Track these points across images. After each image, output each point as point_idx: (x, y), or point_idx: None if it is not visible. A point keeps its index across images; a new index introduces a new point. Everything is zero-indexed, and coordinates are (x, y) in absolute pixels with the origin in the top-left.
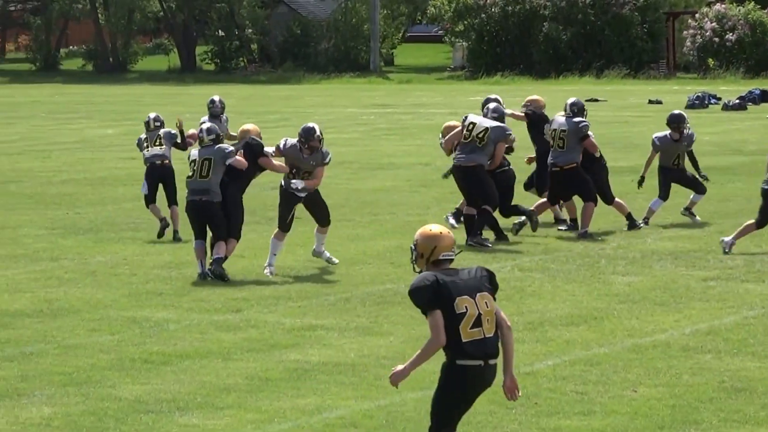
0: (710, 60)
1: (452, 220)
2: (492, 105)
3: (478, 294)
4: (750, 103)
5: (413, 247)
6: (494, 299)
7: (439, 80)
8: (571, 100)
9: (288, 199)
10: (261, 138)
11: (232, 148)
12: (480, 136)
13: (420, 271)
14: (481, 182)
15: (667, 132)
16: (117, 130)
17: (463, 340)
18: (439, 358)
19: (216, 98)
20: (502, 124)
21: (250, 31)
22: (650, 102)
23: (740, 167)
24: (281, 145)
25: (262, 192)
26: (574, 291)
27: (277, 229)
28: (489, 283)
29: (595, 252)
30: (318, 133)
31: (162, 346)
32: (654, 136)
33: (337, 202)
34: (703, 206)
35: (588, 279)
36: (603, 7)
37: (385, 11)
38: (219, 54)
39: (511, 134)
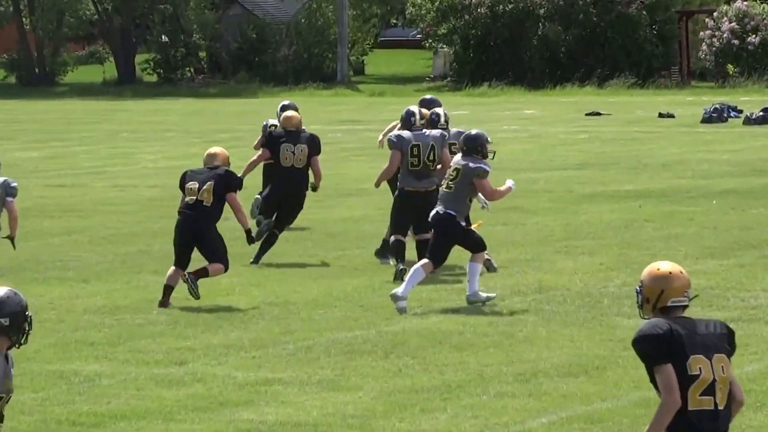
0: (730, 66)
1: (386, 259)
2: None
3: (715, 355)
4: None
5: (638, 289)
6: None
7: (418, 92)
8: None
9: (444, 230)
10: (229, 165)
11: None
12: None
13: (647, 318)
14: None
15: None
16: (43, 153)
17: (690, 408)
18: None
19: None
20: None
21: (197, 36)
22: (661, 115)
23: (765, 190)
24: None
25: None
26: (572, 336)
27: (427, 260)
28: (728, 343)
29: (597, 290)
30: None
31: (93, 405)
32: None
33: (299, 234)
34: (721, 236)
35: (589, 322)
36: (606, 5)
37: (355, 12)
38: (162, 63)
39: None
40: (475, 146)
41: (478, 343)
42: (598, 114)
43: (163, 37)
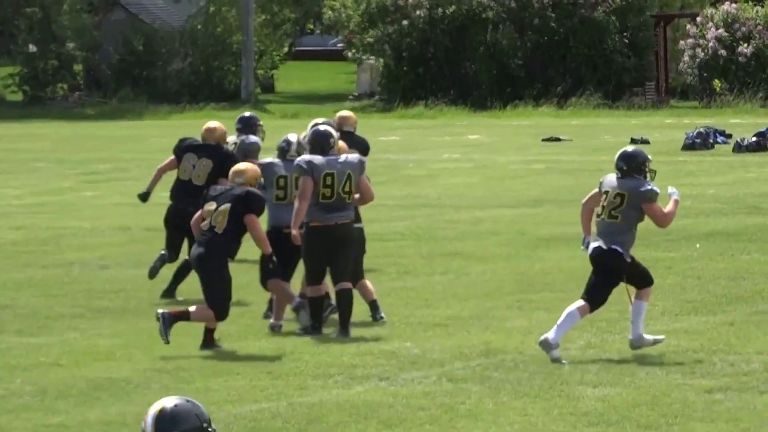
0: (716, 82)
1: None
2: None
3: None
4: None
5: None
6: None
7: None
8: None
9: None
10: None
11: None
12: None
13: None
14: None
15: None
16: None
17: None
18: None
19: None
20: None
21: (72, 45)
22: (633, 141)
23: (759, 231)
24: None
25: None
26: (525, 409)
27: (583, 302)
28: None
29: (542, 353)
30: None
31: None
32: None
33: (194, 286)
34: (706, 287)
35: (546, 392)
36: (566, 8)
37: (263, 17)
38: (29, 78)
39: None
40: (637, 165)
41: (411, 419)
42: (558, 140)
43: (30, 46)
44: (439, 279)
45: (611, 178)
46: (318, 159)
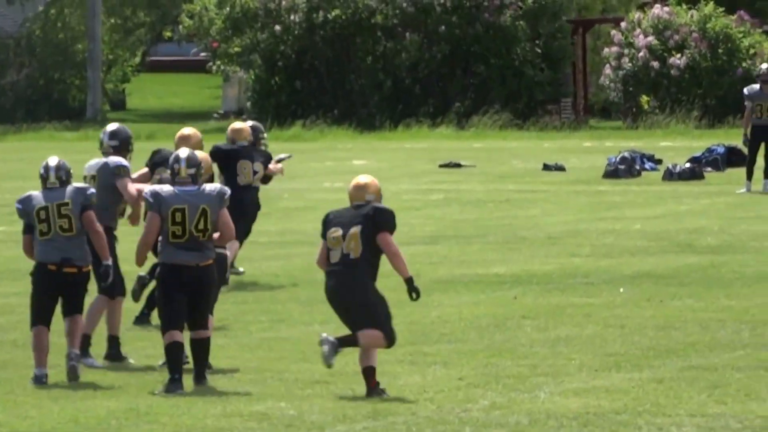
0: (644, 98)
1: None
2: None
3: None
4: (708, 168)
5: None
6: None
7: (204, 134)
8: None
9: None
10: None
11: None
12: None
13: None
14: None
15: None
16: None
17: None
18: None
19: None
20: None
21: None
22: (547, 167)
23: (692, 273)
24: None
25: None
26: None
27: None
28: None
29: (456, 416)
30: None
31: None
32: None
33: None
34: (631, 338)
35: None
36: (468, 13)
37: (113, 21)
38: None
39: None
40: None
41: None
42: (458, 165)
43: None
44: (319, 329)
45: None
46: (166, 190)
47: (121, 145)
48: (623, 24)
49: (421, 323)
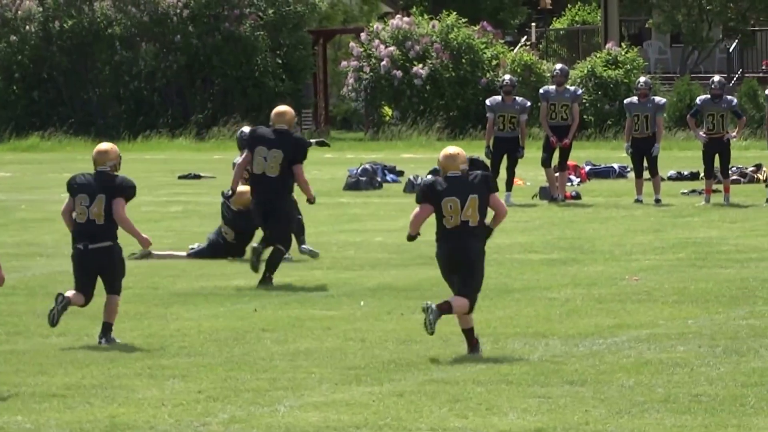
0: (386, 109)
1: None
2: None
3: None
4: None
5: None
6: None
7: None
8: None
9: None
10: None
11: None
12: None
13: None
14: None
15: None
16: None
17: None
18: None
19: None
20: None
21: None
22: None
23: (433, 286)
24: None
25: None
26: None
27: None
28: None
29: (194, 429)
30: None
31: None
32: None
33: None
34: (372, 352)
35: None
36: (208, 22)
37: None
38: None
39: None
40: None
41: None
42: (198, 177)
43: None
44: (56, 341)
45: None
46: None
47: None
48: (363, 35)
49: (160, 336)
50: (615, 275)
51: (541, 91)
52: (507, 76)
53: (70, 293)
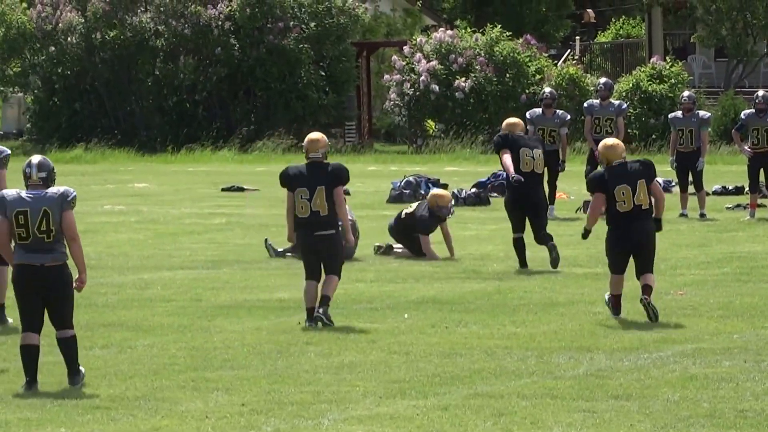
0: (429, 123)
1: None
2: None
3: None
4: (494, 194)
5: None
6: None
7: None
8: None
9: None
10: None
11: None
12: None
13: None
14: None
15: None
16: None
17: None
18: None
19: None
20: None
21: None
22: None
23: (477, 300)
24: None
25: None
26: None
27: None
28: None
29: None
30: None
31: None
32: None
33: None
34: (416, 365)
35: None
36: (251, 35)
37: None
38: None
39: None
40: None
41: None
42: (241, 189)
43: None
44: (99, 353)
45: None
46: (10, 194)
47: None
48: (406, 48)
49: (203, 349)
50: (660, 289)
51: (585, 105)
52: (547, 89)
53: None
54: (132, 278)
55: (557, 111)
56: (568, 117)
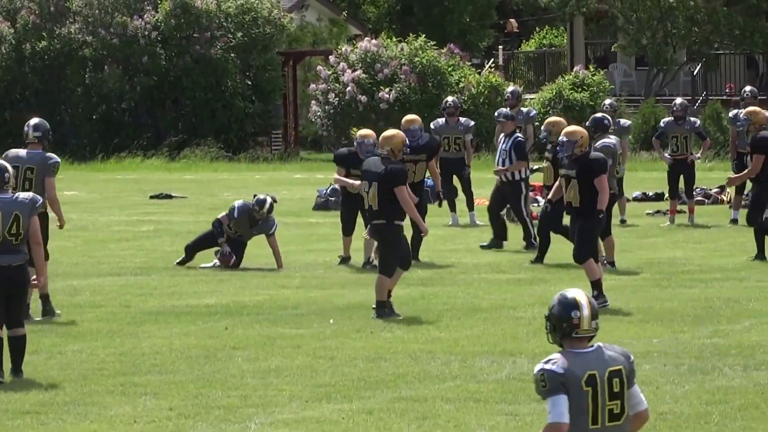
0: (353, 130)
1: None
2: None
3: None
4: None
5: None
6: None
7: None
8: None
9: None
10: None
11: None
12: None
13: None
14: None
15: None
16: None
17: None
18: None
19: None
20: None
21: None
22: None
23: (402, 305)
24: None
25: None
26: None
27: None
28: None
29: None
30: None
31: None
32: None
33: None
34: (341, 369)
35: None
36: (179, 44)
37: None
38: None
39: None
40: None
41: None
42: (169, 197)
43: None
44: (29, 359)
45: None
46: None
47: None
48: (332, 57)
49: (132, 354)
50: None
51: (495, 113)
52: (450, 98)
53: None
54: (61, 285)
55: (460, 119)
56: (472, 123)
